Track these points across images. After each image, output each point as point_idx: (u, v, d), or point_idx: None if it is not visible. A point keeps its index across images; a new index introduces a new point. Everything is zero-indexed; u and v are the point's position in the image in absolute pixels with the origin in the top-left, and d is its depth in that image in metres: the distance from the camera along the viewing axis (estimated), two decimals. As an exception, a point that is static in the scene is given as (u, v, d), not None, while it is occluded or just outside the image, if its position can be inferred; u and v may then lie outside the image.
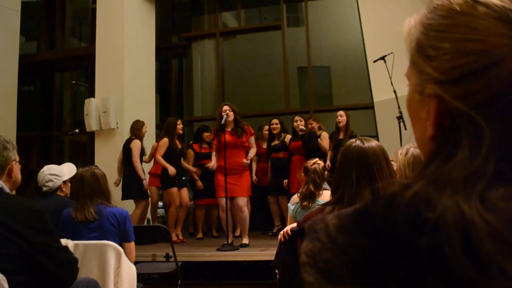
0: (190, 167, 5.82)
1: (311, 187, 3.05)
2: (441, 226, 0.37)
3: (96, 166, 2.78)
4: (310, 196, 3.03)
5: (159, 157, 5.36)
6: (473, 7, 0.43)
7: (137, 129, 5.56)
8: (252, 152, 4.97)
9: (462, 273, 0.35)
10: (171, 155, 5.40)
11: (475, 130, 0.41)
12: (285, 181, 5.46)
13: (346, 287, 0.39)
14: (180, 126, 5.56)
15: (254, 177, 5.72)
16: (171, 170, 5.31)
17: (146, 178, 5.45)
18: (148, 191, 5.63)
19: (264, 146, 5.99)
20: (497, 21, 0.42)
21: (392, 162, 1.89)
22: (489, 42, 0.41)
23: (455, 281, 0.35)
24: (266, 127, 6.03)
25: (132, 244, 2.77)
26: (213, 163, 4.91)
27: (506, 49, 0.41)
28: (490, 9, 0.42)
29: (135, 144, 5.41)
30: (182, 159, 5.71)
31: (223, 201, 4.80)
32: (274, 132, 5.76)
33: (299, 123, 5.45)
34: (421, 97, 0.48)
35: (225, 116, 4.75)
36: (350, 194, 1.57)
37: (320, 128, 5.71)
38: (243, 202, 4.84)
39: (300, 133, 5.35)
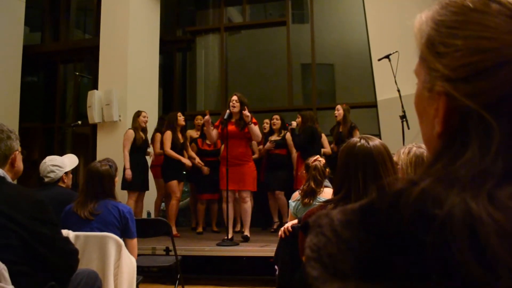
0: (195, 156, 5.80)
1: (312, 184, 3.05)
2: (449, 223, 0.36)
3: (106, 163, 2.77)
4: (311, 193, 3.03)
5: (169, 151, 5.41)
6: (486, 4, 0.43)
7: (133, 120, 5.59)
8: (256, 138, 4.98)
9: (468, 271, 0.34)
10: (174, 148, 5.45)
11: (485, 129, 0.41)
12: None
13: (350, 283, 0.39)
14: (181, 117, 5.60)
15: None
16: (186, 162, 5.44)
17: (128, 168, 5.40)
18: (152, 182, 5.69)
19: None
20: (510, 19, 0.41)
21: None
22: (502, 40, 0.41)
23: (461, 279, 0.35)
24: (266, 121, 6.02)
25: (135, 241, 2.79)
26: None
27: None
28: (503, 6, 0.42)
29: (125, 134, 5.50)
30: (185, 151, 5.74)
31: (225, 193, 4.82)
32: (274, 127, 5.76)
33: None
34: (430, 94, 0.48)
35: (228, 111, 4.76)
36: (357, 194, 1.55)
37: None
38: (246, 193, 4.87)
39: (289, 128, 5.41)
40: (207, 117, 4.76)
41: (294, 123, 5.47)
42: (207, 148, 5.93)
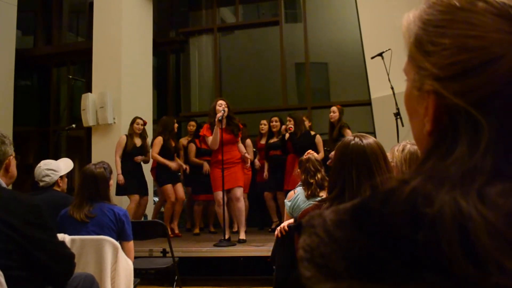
0: (182, 163, 5.85)
1: (307, 177, 3.07)
2: (439, 221, 0.36)
3: (102, 165, 2.76)
4: (308, 185, 3.04)
5: (155, 155, 5.47)
6: (472, 3, 0.43)
7: (130, 126, 5.62)
8: (242, 148, 5.02)
9: (459, 268, 0.35)
10: (166, 153, 5.49)
11: (474, 127, 0.41)
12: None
13: (343, 282, 0.39)
14: (176, 125, 5.75)
15: (266, 173, 5.75)
16: (172, 165, 5.45)
17: (120, 173, 5.36)
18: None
19: (262, 142, 5.97)
20: (497, 17, 0.42)
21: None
22: (489, 38, 0.41)
23: (452, 276, 0.35)
24: (263, 121, 6.01)
25: (131, 243, 2.78)
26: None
27: (505, 46, 0.41)
28: (490, 5, 0.42)
29: (119, 139, 5.56)
30: (175, 155, 5.76)
31: (219, 195, 4.79)
32: (274, 130, 5.76)
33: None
34: (420, 93, 0.48)
35: (222, 113, 4.68)
36: (351, 193, 1.55)
37: (310, 128, 5.70)
38: (240, 192, 4.82)
39: (289, 132, 5.36)
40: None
41: (292, 128, 5.43)
42: (205, 147, 5.93)
